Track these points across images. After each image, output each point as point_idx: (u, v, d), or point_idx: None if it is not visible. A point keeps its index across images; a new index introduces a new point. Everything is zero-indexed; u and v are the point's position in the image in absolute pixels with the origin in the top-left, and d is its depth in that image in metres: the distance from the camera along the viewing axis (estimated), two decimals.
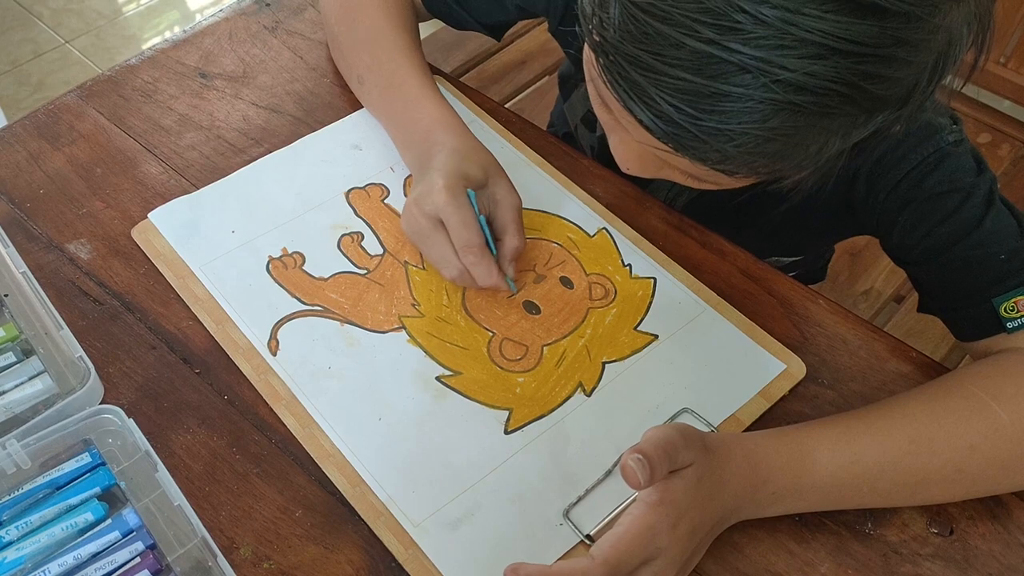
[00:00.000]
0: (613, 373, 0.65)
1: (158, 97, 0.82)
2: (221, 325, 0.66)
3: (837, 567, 0.57)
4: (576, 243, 0.73)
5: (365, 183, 0.76)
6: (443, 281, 0.69)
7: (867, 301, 1.14)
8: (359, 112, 0.81)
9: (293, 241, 0.71)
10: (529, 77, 1.30)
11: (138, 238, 0.71)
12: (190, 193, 0.74)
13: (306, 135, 0.79)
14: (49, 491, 0.56)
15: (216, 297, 0.67)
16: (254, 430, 0.61)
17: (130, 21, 2.29)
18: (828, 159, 0.51)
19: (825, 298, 0.71)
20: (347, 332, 0.66)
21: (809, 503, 0.58)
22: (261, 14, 0.91)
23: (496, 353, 0.66)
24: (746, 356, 0.67)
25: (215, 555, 0.53)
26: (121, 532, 0.54)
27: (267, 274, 0.69)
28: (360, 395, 0.63)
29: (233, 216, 0.72)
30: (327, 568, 0.56)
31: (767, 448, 0.57)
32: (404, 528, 0.57)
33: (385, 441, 0.61)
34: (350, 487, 0.59)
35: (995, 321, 0.64)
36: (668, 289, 0.70)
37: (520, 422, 0.62)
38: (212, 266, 0.69)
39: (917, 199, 0.67)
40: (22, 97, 2.06)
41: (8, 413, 0.59)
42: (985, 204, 0.65)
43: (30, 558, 0.53)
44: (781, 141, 0.48)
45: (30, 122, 0.79)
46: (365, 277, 0.69)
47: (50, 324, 0.63)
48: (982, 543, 0.58)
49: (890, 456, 0.57)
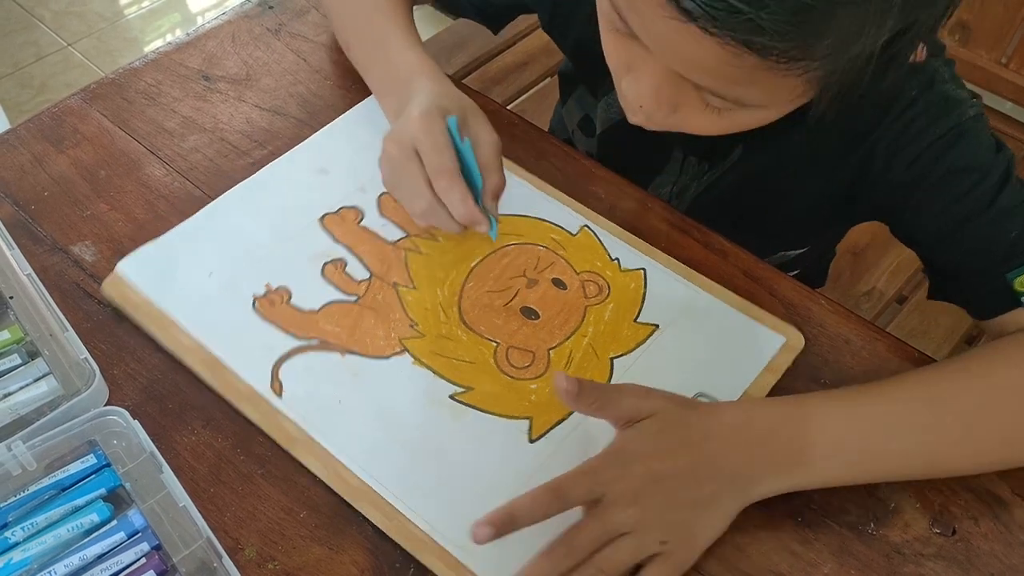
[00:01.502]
0: (622, 368, 0.66)
1: (161, 100, 0.82)
2: (217, 373, 0.63)
3: (840, 567, 0.57)
4: (561, 243, 0.73)
5: (338, 207, 0.73)
6: (436, 297, 0.68)
7: (869, 302, 1.14)
8: (319, 133, 0.79)
9: (275, 276, 0.69)
10: (531, 78, 1.30)
11: (111, 292, 0.67)
12: (156, 238, 0.70)
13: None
14: (55, 492, 0.56)
15: (206, 345, 0.64)
16: (258, 431, 0.62)
17: (132, 24, 2.30)
18: (857, 58, 0.50)
19: (827, 298, 0.71)
20: (349, 362, 0.65)
21: (821, 470, 0.57)
22: (264, 17, 0.91)
23: (504, 363, 0.65)
24: (746, 333, 0.67)
25: (220, 556, 0.54)
26: (126, 533, 0.55)
27: (255, 314, 0.66)
28: (377, 425, 0.62)
29: (207, 258, 0.69)
30: (332, 569, 0.56)
31: (764, 404, 0.59)
32: (450, 552, 0.56)
33: (411, 468, 0.60)
34: (387, 520, 0.57)
35: (1010, 296, 0.64)
36: (659, 277, 0.71)
37: (543, 429, 0.62)
38: (195, 313, 0.66)
39: (935, 174, 0.66)
40: (24, 100, 2.06)
41: (13, 415, 0.59)
42: (1000, 183, 0.65)
43: (36, 559, 0.53)
44: (819, 9, 0.46)
45: (34, 124, 0.80)
46: (357, 304, 0.68)
47: (55, 326, 0.63)
48: (984, 543, 0.59)
49: (899, 411, 0.58)
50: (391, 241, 0.72)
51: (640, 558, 0.54)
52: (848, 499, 0.60)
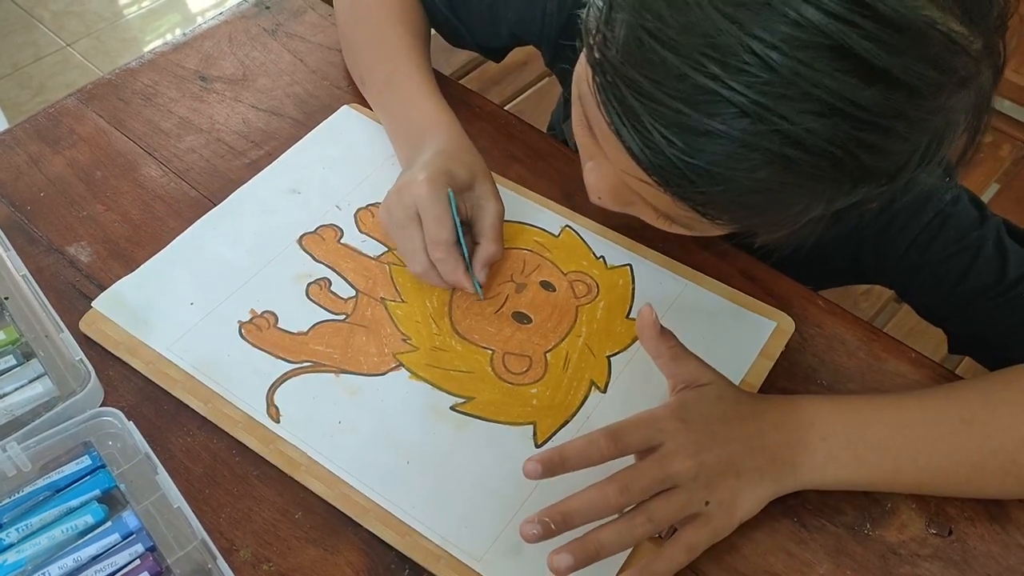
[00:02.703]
0: (620, 364, 0.66)
1: (158, 100, 0.82)
2: (211, 404, 0.62)
3: (835, 568, 0.57)
4: (545, 246, 0.73)
5: (315, 226, 0.73)
6: (427, 309, 0.68)
7: (868, 301, 1.14)
8: (286, 154, 0.78)
9: (259, 301, 0.68)
10: (530, 79, 1.30)
11: (89, 331, 0.65)
12: (131, 272, 0.69)
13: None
14: (49, 494, 0.56)
15: (195, 376, 0.63)
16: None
17: (131, 24, 2.30)
18: (807, 224, 0.51)
19: (824, 298, 0.71)
20: (345, 382, 0.64)
21: (867, 469, 0.58)
22: (261, 17, 0.91)
23: (501, 369, 0.65)
24: (737, 321, 0.68)
25: (215, 557, 0.54)
26: (121, 534, 0.55)
27: (243, 340, 0.65)
28: (380, 443, 0.61)
29: (186, 287, 0.68)
30: (327, 570, 0.56)
31: (811, 398, 0.60)
32: (468, 565, 0.56)
33: (420, 483, 0.59)
34: (399, 538, 0.57)
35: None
36: (646, 272, 0.71)
37: (548, 432, 0.62)
38: (180, 344, 0.65)
39: (929, 264, 0.68)
40: (23, 100, 2.06)
41: (8, 416, 0.60)
42: (999, 255, 0.66)
43: (30, 560, 0.53)
44: (765, 195, 0.47)
45: (30, 125, 0.80)
46: (346, 322, 0.67)
47: (50, 327, 0.63)
48: (980, 544, 0.58)
49: (943, 430, 0.58)
50: (373, 256, 0.71)
51: (685, 514, 0.54)
52: (844, 499, 0.60)
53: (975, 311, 0.67)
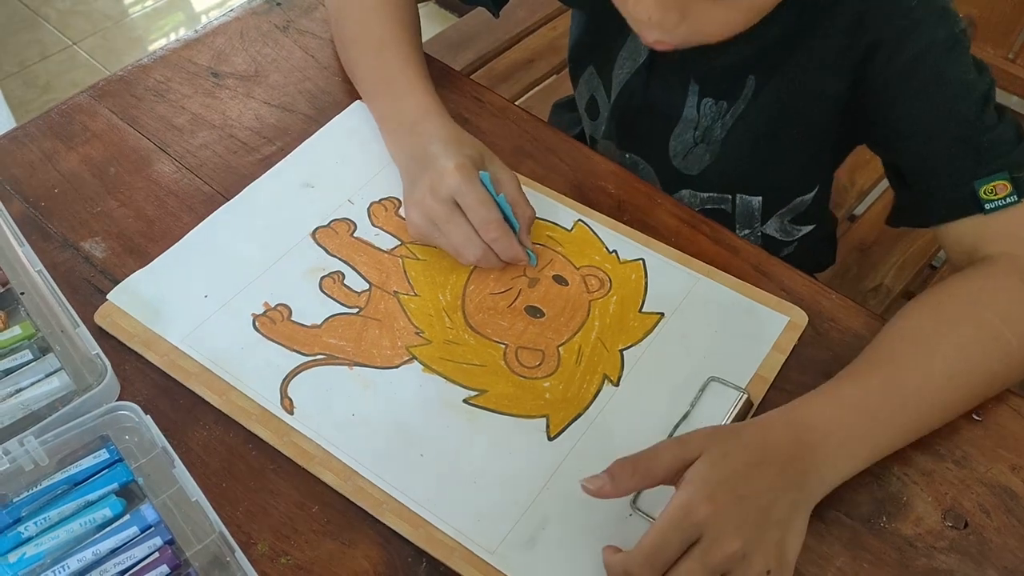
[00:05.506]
0: (633, 358, 0.66)
1: (170, 96, 0.82)
2: (225, 396, 0.62)
3: (852, 561, 0.57)
4: (557, 240, 0.73)
5: (328, 220, 0.73)
6: (439, 303, 0.68)
7: (876, 297, 1.14)
8: (300, 148, 0.78)
9: (273, 294, 0.68)
10: (537, 75, 1.30)
11: (104, 324, 0.66)
12: (146, 266, 0.69)
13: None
14: (67, 487, 0.56)
15: (210, 368, 0.64)
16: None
17: (136, 23, 2.30)
18: None
19: (837, 293, 0.71)
20: (358, 375, 0.64)
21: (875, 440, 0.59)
22: (272, 13, 0.91)
23: (515, 363, 0.65)
24: (749, 315, 0.68)
25: (233, 550, 0.54)
26: (139, 528, 0.55)
27: (257, 333, 0.66)
28: (394, 435, 0.61)
29: (200, 281, 0.69)
30: (344, 563, 0.56)
31: (804, 401, 0.59)
32: (482, 558, 0.56)
33: (434, 476, 0.59)
34: (413, 530, 0.57)
35: (974, 201, 0.66)
36: (658, 266, 0.71)
37: (560, 425, 0.62)
38: (195, 337, 0.65)
39: (927, 74, 0.68)
40: (30, 99, 2.06)
41: (25, 410, 0.60)
42: (983, 100, 0.68)
43: (49, 553, 0.54)
44: None
45: (43, 122, 0.80)
46: (359, 316, 0.67)
47: (66, 322, 0.63)
48: (997, 537, 0.58)
49: (931, 385, 0.60)
50: (386, 250, 0.72)
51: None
52: (860, 493, 0.60)
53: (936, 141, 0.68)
